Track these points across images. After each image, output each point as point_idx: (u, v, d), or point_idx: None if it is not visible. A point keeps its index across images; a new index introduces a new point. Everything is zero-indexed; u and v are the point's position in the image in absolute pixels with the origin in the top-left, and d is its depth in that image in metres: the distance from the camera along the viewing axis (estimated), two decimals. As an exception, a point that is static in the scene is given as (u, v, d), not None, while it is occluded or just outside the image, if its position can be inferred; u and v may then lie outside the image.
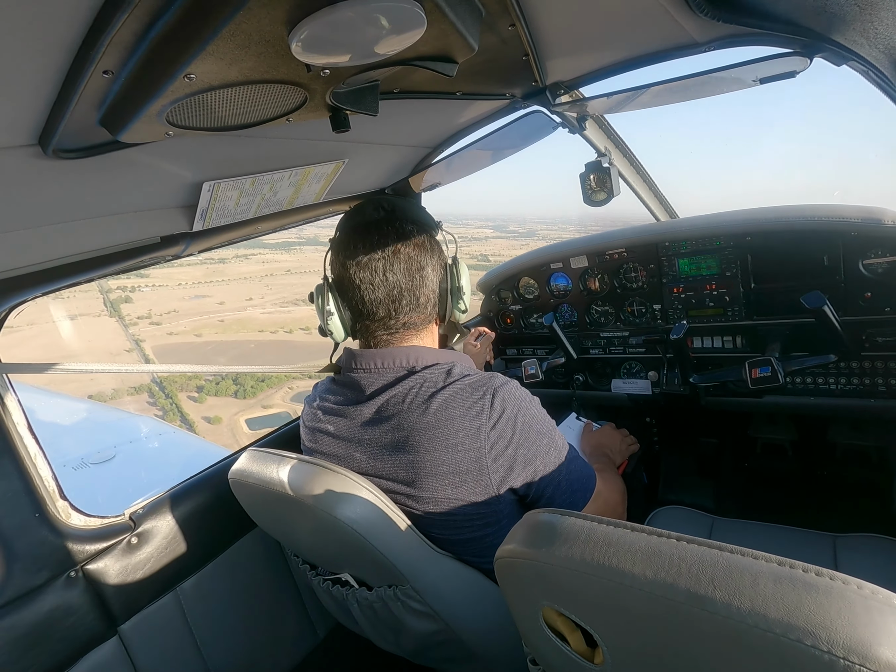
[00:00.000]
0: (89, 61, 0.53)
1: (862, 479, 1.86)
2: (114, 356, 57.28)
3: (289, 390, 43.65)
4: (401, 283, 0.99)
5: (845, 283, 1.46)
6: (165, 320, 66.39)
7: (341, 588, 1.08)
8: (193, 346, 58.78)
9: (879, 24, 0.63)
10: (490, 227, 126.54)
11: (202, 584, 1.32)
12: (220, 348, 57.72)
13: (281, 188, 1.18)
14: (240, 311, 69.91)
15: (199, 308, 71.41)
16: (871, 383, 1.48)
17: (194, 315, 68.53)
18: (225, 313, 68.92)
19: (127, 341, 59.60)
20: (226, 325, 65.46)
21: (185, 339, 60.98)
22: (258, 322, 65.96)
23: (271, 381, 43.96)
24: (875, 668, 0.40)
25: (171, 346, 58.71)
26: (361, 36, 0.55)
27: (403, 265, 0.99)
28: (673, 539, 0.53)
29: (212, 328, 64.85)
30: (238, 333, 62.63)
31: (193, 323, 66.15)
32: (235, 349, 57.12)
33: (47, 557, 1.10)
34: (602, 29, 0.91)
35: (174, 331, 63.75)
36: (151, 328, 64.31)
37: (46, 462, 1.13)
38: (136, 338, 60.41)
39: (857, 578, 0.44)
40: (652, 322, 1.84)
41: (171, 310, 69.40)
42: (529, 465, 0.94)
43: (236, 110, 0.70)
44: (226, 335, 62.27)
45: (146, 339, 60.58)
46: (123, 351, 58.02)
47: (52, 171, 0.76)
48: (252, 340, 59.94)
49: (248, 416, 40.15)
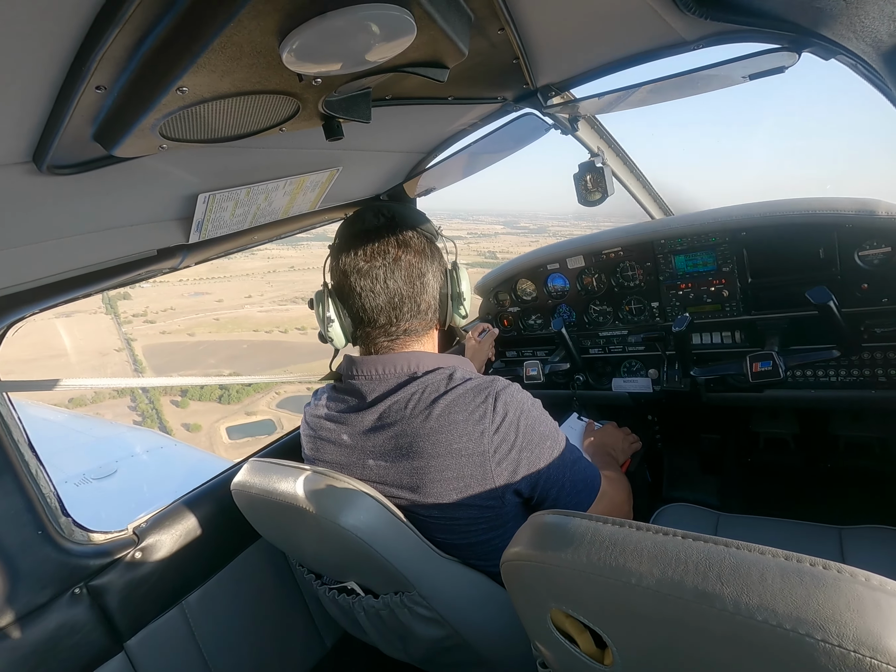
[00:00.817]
0: (82, 77, 0.53)
1: (865, 471, 1.86)
2: (103, 356, 56.39)
3: (276, 395, 42.40)
4: (402, 291, 1.00)
5: (842, 274, 1.46)
6: (161, 318, 65.49)
7: (347, 596, 1.08)
8: (185, 345, 58.09)
9: (866, 18, 0.64)
10: (500, 223, 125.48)
11: (208, 597, 1.31)
12: (211, 348, 57.04)
13: (276, 198, 1.19)
14: (237, 310, 68.93)
15: (197, 306, 70.56)
16: (871, 374, 1.48)
17: (190, 313, 67.75)
18: (221, 311, 67.96)
19: (119, 340, 59.12)
20: (221, 324, 64.64)
21: (177, 339, 60.22)
22: (254, 321, 65.19)
23: (258, 385, 42.67)
24: (886, 660, 0.40)
25: (162, 346, 57.98)
26: (352, 44, 0.56)
27: (404, 272, 0.99)
28: (679, 537, 0.52)
29: (206, 327, 64.00)
30: (232, 333, 61.77)
31: (188, 321, 65.29)
32: (227, 350, 56.25)
33: (51, 575, 1.09)
34: (591, 30, 0.91)
35: (167, 329, 62.87)
36: (145, 326, 63.47)
37: (48, 479, 1.12)
38: (128, 336, 59.72)
39: (864, 570, 0.44)
40: (650, 320, 1.85)
41: (169, 307, 68.56)
42: (533, 468, 0.94)
43: (229, 121, 0.71)
44: (220, 334, 61.46)
45: (138, 339, 59.76)
46: (113, 350, 57.30)
47: (48, 187, 0.76)
48: (245, 341, 59.28)
49: (229, 423, 39.19)
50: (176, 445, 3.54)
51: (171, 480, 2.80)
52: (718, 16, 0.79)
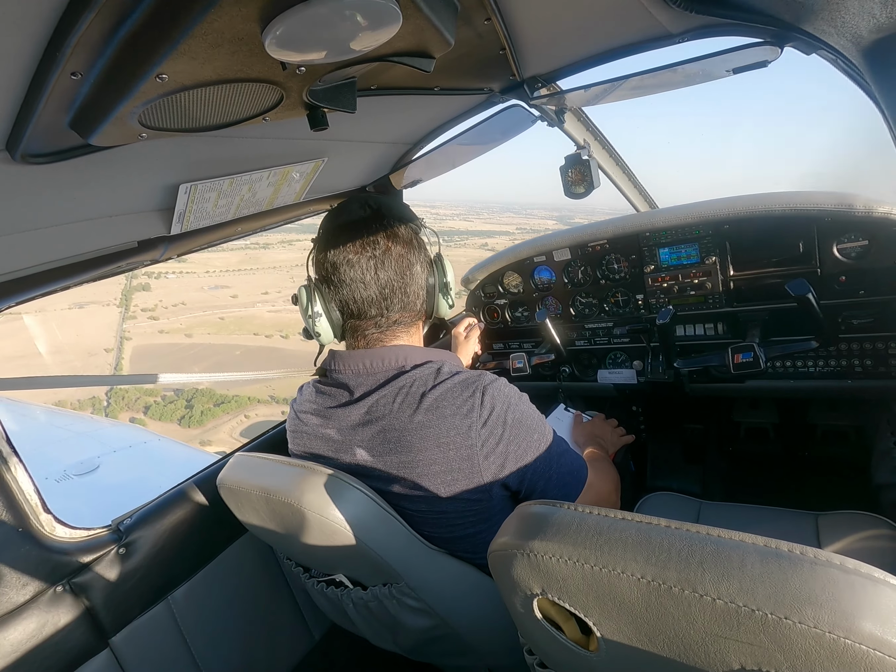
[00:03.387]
0: (56, 63, 0.51)
1: (841, 458, 1.91)
2: (90, 356, 54.40)
3: (244, 419, 38.74)
4: (392, 282, 0.99)
5: (821, 267, 1.49)
6: (167, 314, 62.87)
7: (336, 589, 1.08)
8: (178, 348, 56.25)
9: (846, 13, 0.65)
10: (554, 218, 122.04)
11: (194, 592, 1.30)
12: (203, 353, 55.23)
13: (260, 188, 1.17)
14: (247, 308, 66.17)
15: (210, 301, 67.91)
16: (848, 364, 1.52)
17: (198, 310, 65.33)
18: (231, 309, 65.19)
19: (113, 339, 57.40)
20: (223, 325, 62.39)
21: (172, 340, 58.16)
22: (259, 322, 62.78)
23: (229, 405, 38.58)
24: (859, 640, 0.42)
25: (153, 348, 56.00)
26: (337, 32, 0.55)
27: (394, 263, 0.99)
28: (662, 524, 0.54)
29: (207, 327, 61.76)
30: (231, 336, 59.57)
31: (192, 320, 62.91)
32: (218, 355, 54.26)
33: (32, 573, 1.07)
34: (577, 22, 0.91)
35: (167, 328, 60.69)
36: (147, 324, 61.07)
37: (27, 475, 1.10)
38: (125, 335, 57.83)
39: (839, 555, 0.46)
40: (635, 312, 1.87)
41: (180, 302, 66.23)
42: (521, 461, 0.94)
43: (211, 110, 0.69)
44: (218, 336, 59.35)
45: (134, 337, 57.62)
46: (103, 350, 55.43)
47: (21, 176, 0.74)
48: (241, 346, 57.12)
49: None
50: (160, 440, 3.49)
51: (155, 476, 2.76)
52: (703, 9, 0.79)
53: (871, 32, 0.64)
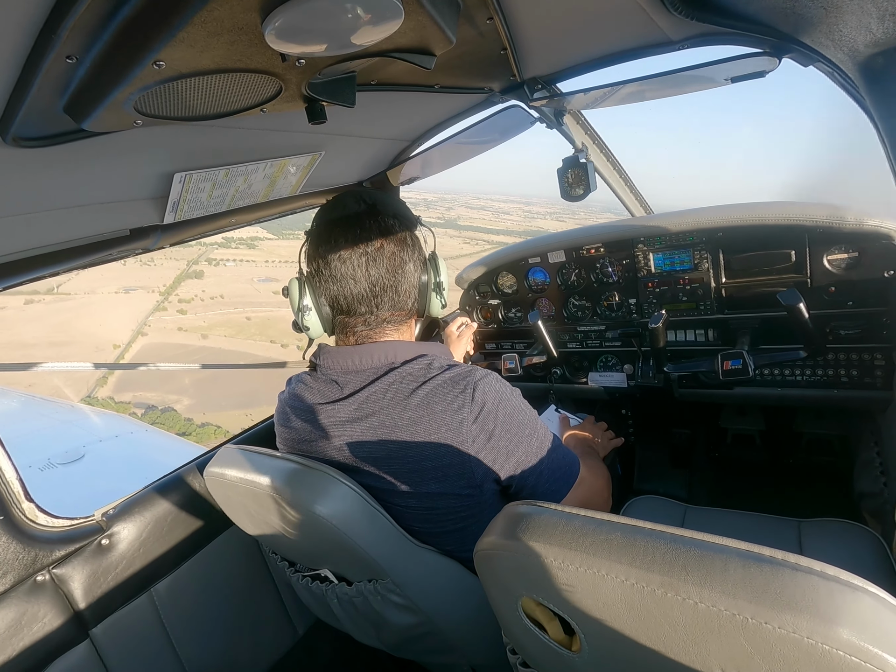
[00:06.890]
0: (51, 46, 0.51)
1: (824, 467, 1.94)
2: (97, 350, 53.17)
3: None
4: (383, 279, 0.99)
5: (811, 277, 1.51)
6: (197, 309, 60.51)
7: (321, 584, 1.08)
8: (186, 350, 54.18)
9: (844, 27, 0.65)
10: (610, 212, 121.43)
11: (177, 585, 1.29)
12: (206, 360, 53.77)
13: (256, 180, 1.16)
14: (279, 308, 62.67)
15: (248, 296, 65.52)
16: (835, 374, 1.54)
17: (230, 306, 62.99)
18: (263, 309, 62.86)
19: (138, 331, 55.89)
20: (246, 326, 60.18)
21: (186, 340, 56.17)
22: (283, 326, 58.83)
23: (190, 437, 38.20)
24: (837, 645, 0.42)
25: (162, 348, 54.10)
26: (338, 25, 0.54)
27: (386, 261, 0.98)
28: (647, 528, 0.54)
29: (228, 328, 59.58)
30: (246, 341, 57.06)
31: (217, 317, 60.56)
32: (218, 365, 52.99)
33: (12, 561, 1.06)
34: (579, 25, 0.92)
35: (186, 325, 58.66)
36: (172, 318, 58.81)
37: (10, 462, 1.08)
38: (142, 331, 55.93)
39: (819, 562, 0.46)
40: (628, 316, 1.88)
41: (219, 294, 64.11)
42: (512, 457, 0.95)
43: (208, 99, 0.68)
44: (233, 341, 56.97)
45: (150, 333, 55.81)
46: (112, 346, 54.11)
47: (12, 159, 0.72)
48: (251, 354, 54.23)
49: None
50: (147, 431, 3.46)
51: (141, 466, 2.73)
52: (704, 17, 0.80)
53: (867, 47, 0.65)
